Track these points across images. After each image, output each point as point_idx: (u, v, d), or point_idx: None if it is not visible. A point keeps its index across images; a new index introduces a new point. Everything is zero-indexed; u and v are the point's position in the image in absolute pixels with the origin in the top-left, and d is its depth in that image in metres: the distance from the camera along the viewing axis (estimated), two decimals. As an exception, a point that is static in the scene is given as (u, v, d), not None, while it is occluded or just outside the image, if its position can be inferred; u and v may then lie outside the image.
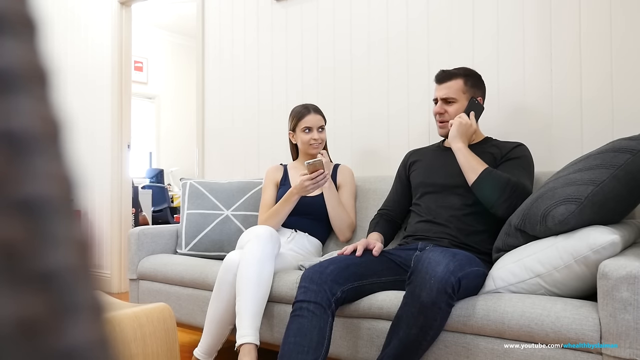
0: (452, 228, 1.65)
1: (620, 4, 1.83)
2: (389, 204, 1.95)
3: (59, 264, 0.17)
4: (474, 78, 1.80)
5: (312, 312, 1.38)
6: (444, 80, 1.80)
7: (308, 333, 1.35)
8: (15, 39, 0.17)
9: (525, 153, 1.70)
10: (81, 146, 3.67)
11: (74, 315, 0.17)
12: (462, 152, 1.65)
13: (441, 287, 1.25)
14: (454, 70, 1.80)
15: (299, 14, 2.66)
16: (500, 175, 1.58)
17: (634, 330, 1.10)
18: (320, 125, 2.12)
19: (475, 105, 1.75)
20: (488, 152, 1.74)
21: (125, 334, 1.21)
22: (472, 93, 1.77)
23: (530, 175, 1.67)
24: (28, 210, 0.17)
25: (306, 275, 1.47)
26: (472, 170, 1.61)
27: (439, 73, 1.83)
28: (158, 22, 6.48)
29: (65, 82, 3.79)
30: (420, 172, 1.85)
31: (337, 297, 1.44)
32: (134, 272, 2.28)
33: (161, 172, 6.11)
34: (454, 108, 1.77)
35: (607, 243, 1.21)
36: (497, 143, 1.78)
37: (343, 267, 1.50)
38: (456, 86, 1.77)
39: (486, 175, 1.58)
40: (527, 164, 1.68)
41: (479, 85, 1.81)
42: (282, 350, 1.36)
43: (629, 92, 1.81)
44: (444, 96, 1.78)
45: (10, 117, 0.17)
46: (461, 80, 1.77)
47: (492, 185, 1.57)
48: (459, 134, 1.68)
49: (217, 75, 3.02)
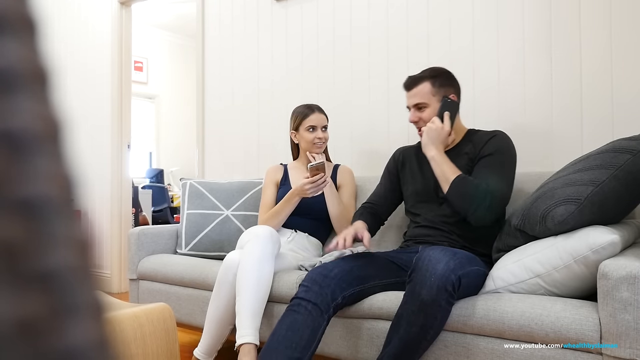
0: (451, 233, 1.65)
1: (620, 4, 1.83)
2: (375, 197, 1.89)
3: (59, 264, 0.17)
4: (442, 77, 1.72)
5: (308, 311, 1.38)
6: (411, 86, 1.74)
7: (300, 330, 1.34)
8: (15, 39, 0.17)
9: (499, 145, 1.62)
10: (81, 146, 3.67)
11: (74, 315, 0.17)
12: (435, 160, 1.61)
13: (441, 285, 1.25)
14: (419, 74, 1.74)
15: (299, 14, 2.66)
16: (470, 183, 1.54)
17: (634, 330, 1.10)
18: (324, 124, 2.13)
19: (449, 104, 1.67)
20: (464, 153, 1.69)
21: (125, 334, 1.21)
22: (443, 92, 1.70)
23: (504, 172, 1.58)
24: (28, 210, 0.16)
25: (310, 277, 1.46)
26: (445, 180, 1.58)
27: (406, 80, 1.76)
28: (158, 22, 6.48)
29: (65, 82, 3.78)
30: (411, 180, 1.81)
31: (337, 303, 1.44)
32: (134, 272, 2.27)
33: (161, 172, 6.11)
34: (427, 113, 1.71)
35: (606, 243, 1.21)
36: (474, 138, 1.71)
37: (347, 270, 1.49)
38: (424, 90, 1.70)
39: (456, 185, 1.55)
40: (500, 160, 1.59)
41: (449, 82, 1.73)
42: (271, 339, 1.35)
43: (629, 92, 1.81)
44: (414, 103, 1.73)
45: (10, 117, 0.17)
46: (428, 82, 1.70)
47: (463, 194, 1.53)
48: (431, 141, 1.63)
49: (217, 75, 3.02)
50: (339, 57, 2.52)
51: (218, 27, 3.02)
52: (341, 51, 2.51)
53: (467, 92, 2.14)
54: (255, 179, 2.51)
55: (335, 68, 2.53)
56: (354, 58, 2.47)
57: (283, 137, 2.68)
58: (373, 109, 2.41)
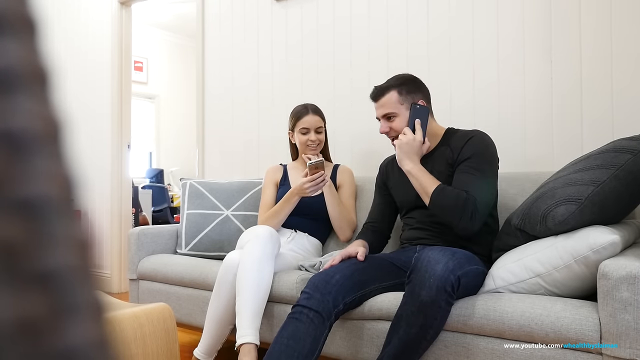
0: (444, 233, 1.64)
1: (620, 4, 1.83)
2: (374, 216, 1.88)
3: (59, 264, 0.17)
4: (408, 84, 1.69)
5: (310, 320, 1.37)
6: (378, 97, 1.71)
7: (302, 339, 1.34)
8: (15, 39, 0.17)
9: (476, 147, 1.57)
10: (81, 146, 3.67)
11: (74, 315, 0.17)
12: (412, 173, 1.58)
13: (441, 286, 1.25)
14: (385, 84, 1.71)
15: (299, 14, 2.66)
16: (450, 193, 1.50)
17: (634, 330, 1.10)
18: (318, 126, 2.11)
19: (418, 110, 1.65)
20: (443, 157, 1.65)
21: (125, 334, 1.21)
22: (411, 99, 1.67)
23: (485, 175, 1.54)
24: (28, 210, 0.16)
25: (312, 282, 1.45)
26: (425, 193, 1.55)
27: (372, 91, 1.74)
28: (158, 22, 6.48)
29: (65, 82, 3.79)
30: (399, 190, 1.79)
31: (339, 310, 1.43)
32: (134, 272, 2.27)
33: (161, 172, 6.11)
34: (397, 122, 1.68)
35: (607, 243, 1.21)
36: (452, 140, 1.67)
37: (348, 275, 1.48)
38: (391, 99, 1.68)
39: (436, 198, 1.52)
40: (478, 163, 1.55)
41: (417, 89, 1.70)
42: (273, 348, 1.35)
43: (629, 92, 1.81)
44: (383, 114, 1.70)
45: (10, 117, 0.17)
46: (394, 91, 1.67)
47: (444, 207, 1.51)
48: (405, 155, 1.60)
49: (217, 75, 3.02)
50: (338, 56, 2.52)
51: (218, 27, 3.02)
52: (341, 50, 2.51)
53: (467, 92, 2.14)
54: (255, 179, 2.51)
55: (335, 67, 2.53)
56: (354, 57, 2.47)
57: (283, 137, 2.68)
58: (373, 108, 2.40)
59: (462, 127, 2.00)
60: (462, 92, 2.14)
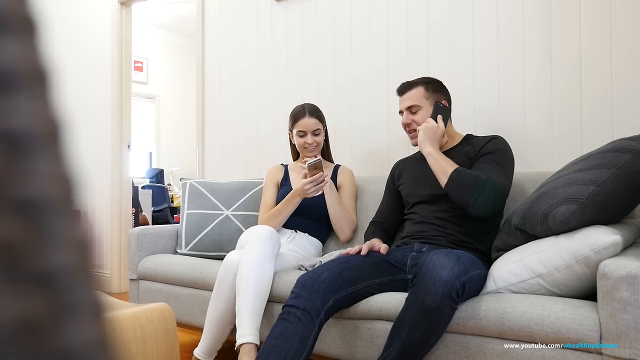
0: (446, 228, 1.65)
1: (620, 5, 1.83)
2: (382, 215, 1.94)
3: (59, 264, 0.17)
4: (434, 84, 1.81)
5: (298, 318, 1.37)
6: (405, 90, 1.81)
7: (289, 338, 1.34)
8: (15, 39, 0.17)
9: (499, 146, 1.66)
10: (81, 146, 3.67)
11: (74, 315, 0.17)
12: (432, 155, 1.64)
13: (446, 292, 1.24)
14: (413, 80, 1.83)
15: (299, 14, 2.66)
16: (470, 174, 1.55)
17: (634, 330, 1.10)
18: (314, 129, 2.09)
19: (441, 108, 1.73)
20: (463, 152, 1.72)
21: (125, 334, 1.21)
22: (436, 98, 1.77)
23: (504, 168, 1.61)
24: (28, 210, 0.16)
25: (299, 282, 1.46)
26: (443, 173, 1.60)
27: (400, 85, 1.85)
28: (158, 22, 6.48)
29: (65, 82, 3.79)
30: (408, 184, 1.84)
31: (329, 307, 1.42)
32: (134, 272, 2.28)
33: (161, 172, 6.11)
34: (420, 115, 1.77)
35: (608, 243, 1.21)
36: (472, 141, 1.75)
37: (337, 273, 1.48)
38: (418, 94, 1.78)
39: (456, 176, 1.56)
40: (500, 158, 1.63)
41: (440, 90, 1.81)
42: (262, 349, 1.35)
43: (629, 92, 1.81)
44: (407, 105, 1.79)
45: (10, 117, 0.17)
46: (422, 87, 1.78)
47: (462, 185, 1.55)
48: (427, 138, 1.67)
49: (217, 75, 3.02)
50: (339, 56, 2.52)
51: (218, 27, 3.02)
52: (341, 50, 2.51)
53: (467, 92, 2.14)
54: (255, 179, 2.51)
55: (336, 67, 2.53)
56: (354, 57, 2.47)
57: (283, 137, 2.68)
58: (373, 109, 2.41)
59: (462, 127, 2.01)
60: (462, 92, 2.14)
